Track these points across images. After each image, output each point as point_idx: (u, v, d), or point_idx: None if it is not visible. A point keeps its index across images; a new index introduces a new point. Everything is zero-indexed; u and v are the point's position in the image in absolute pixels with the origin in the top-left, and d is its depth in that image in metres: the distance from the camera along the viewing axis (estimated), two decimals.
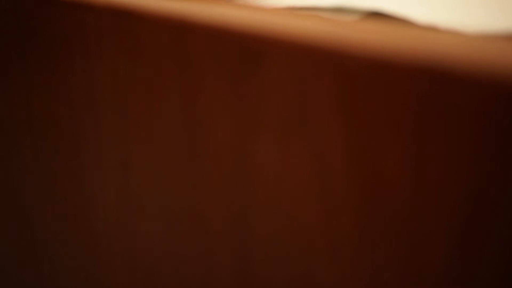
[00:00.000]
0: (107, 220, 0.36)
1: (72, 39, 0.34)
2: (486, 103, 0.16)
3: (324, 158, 0.22)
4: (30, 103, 0.39)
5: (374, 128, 0.19)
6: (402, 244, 0.19)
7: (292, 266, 0.24)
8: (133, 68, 0.30)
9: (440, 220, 0.18)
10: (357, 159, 0.20)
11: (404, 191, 0.19)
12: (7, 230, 0.47)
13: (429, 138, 0.18)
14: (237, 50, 0.24)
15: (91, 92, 0.34)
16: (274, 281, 0.25)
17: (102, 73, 0.33)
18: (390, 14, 0.31)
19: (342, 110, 0.20)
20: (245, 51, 0.24)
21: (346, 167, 0.21)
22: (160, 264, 0.32)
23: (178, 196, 0.30)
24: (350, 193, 0.21)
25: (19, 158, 0.42)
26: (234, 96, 0.25)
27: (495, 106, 0.16)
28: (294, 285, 0.24)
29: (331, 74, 0.20)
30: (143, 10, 0.29)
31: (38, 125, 0.39)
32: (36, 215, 0.43)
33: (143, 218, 0.33)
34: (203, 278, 0.30)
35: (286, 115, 0.23)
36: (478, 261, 0.17)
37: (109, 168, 0.34)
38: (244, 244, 0.27)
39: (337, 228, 0.22)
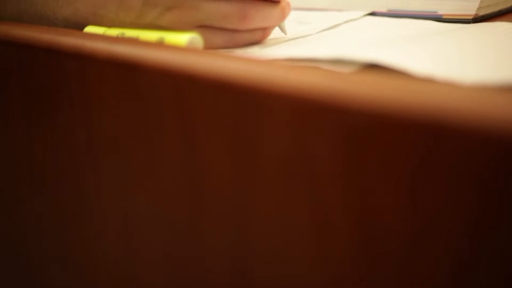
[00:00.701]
0: (108, 271, 0.36)
1: (74, 88, 0.35)
2: (482, 155, 0.16)
3: (322, 201, 0.22)
4: (31, 151, 0.40)
5: (372, 175, 0.20)
6: (400, 284, 0.19)
7: None
8: (134, 117, 0.31)
9: (435, 262, 0.18)
10: (355, 203, 0.21)
11: (401, 234, 0.19)
12: (8, 275, 0.47)
13: (426, 187, 0.18)
14: (238, 101, 0.24)
15: (91, 141, 0.34)
16: None
17: (103, 122, 0.33)
18: (387, 65, 0.31)
19: (341, 158, 0.21)
20: (245, 102, 0.24)
21: (344, 210, 0.21)
22: None
23: (178, 244, 0.30)
24: (347, 234, 0.21)
25: (20, 205, 0.42)
26: (234, 143, 0.25)
27: (490, 158, 0.16)
28: None
29: (330, 126, 0.21)
30: (145, 61, 0.30)
31: (38, 173, 0.39)
32: (36, 262, 0.42)
33: (144, 269, 0.33)
34: None
35: (285, 160, 0.23)
36: None
37: (109, 216, 0.34)
38: (245, 283, 0.26)
39: (334, 269, 0.22)
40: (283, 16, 0.41)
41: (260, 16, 0.39)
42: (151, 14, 0.39)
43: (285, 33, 0.43)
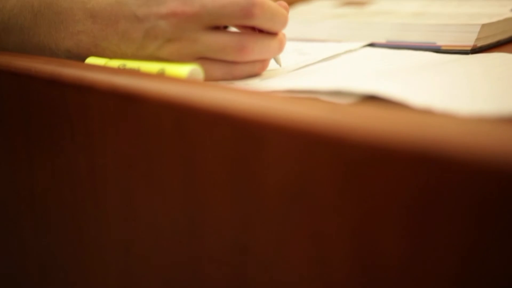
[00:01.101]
0: None
1: (75, 119, 0.35)
2: (478, 187, 0.16)
3: (321, 234, 0.22)
4: (32, 183, 0.40)
5: (371, 207, 0.20)
6: None
7: None
8: (135, 148, 0.31)
9: None
10: (353, 234, 0.21)
11: (401, 264, 0.19)
12: None
13: (422, 218, 0.18)
14: (238, 133, 0.25)
15: (92, 171, 0.34)
16: None
17: (105, 154, 0.33)
18: (386, 97, 0.31)
19: (340, 191, 0.21)
20: (246, 134, 0.24)
21: (342, 242, 0.21)
22: None
23: (179, 278, 0.30)
24: (346, 266, 0.21)
25: (20, 237, 0.42)
26: (234, 174, 0.25)
27: (486, 190, 0.16)
28: None
29: (329, 158, 0.21)
30: (146, 92, 0.30)
31: (39, 205, 0.39)
32: None
33: None
34: None
35: (284, 192, 0.23)
36: None
37: (110, 249, 0.34)
38: None
39: None
40: (280, 48, 0.42)
41: (258, 48, 0.40)
42: (151, 46, 0.39)
43: (280, 65, 0.43)
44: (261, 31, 0.40)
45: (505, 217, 0.16)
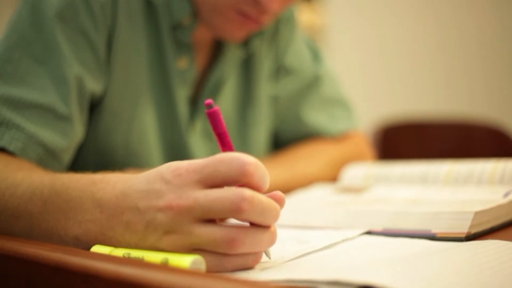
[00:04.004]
0: None
1: None
2: None
3: None
4: None
5: None
6: None
7: None
8: None
9: None
10: None
11: None
12: None
13: None
14: None
15: None
16: None
17: None
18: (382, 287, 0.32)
19: None
20: None
21: None
22: None
23: None
24: None
25: None
26: None
27: None
28: None
29: None
30: (151, 283, 0.31)
31: None
32: None
33: None
34: None
35: None
36: None
37: None
38: None
39: None
40: (273, 241, 0.42)
41: (249, 241, 0.40)
42: (152, 238, 0.40)
43: (269, 258, 0.43)
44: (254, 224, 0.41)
45: None
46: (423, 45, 2.03)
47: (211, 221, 0.40)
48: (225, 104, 0.81)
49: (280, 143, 0.90)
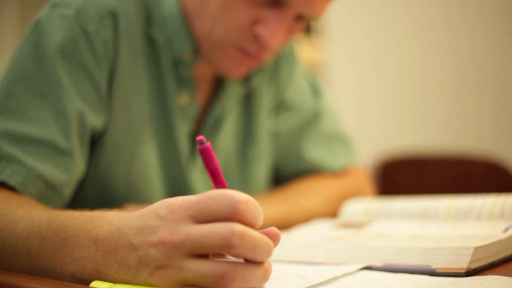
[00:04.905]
0: None
1: None
2: None
3: None
4: None
5: None
6: None
7: None
8: None
9: None
10: None
11: None
12: None
13: None
14: None
15: None
16: None
17: None
18: None
19: None
20: None
21: None
22: None
23: None
24: None
25: None
26: None
27: None
28: None
29: None
30: None
31: None
32: None
33: None
34: None
35: None
36: None
37: None
38: None
39: None
40: (266, 277, 0.41)
41: (241, 276, 0.39)
42: (144, 273, 0.41)
43: None
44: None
45: None
46: (422, 81, 2.04)
47: (204, 256, 0.40)
48: (225, 139, 0.81)
49: (280, 178, 0.90)
